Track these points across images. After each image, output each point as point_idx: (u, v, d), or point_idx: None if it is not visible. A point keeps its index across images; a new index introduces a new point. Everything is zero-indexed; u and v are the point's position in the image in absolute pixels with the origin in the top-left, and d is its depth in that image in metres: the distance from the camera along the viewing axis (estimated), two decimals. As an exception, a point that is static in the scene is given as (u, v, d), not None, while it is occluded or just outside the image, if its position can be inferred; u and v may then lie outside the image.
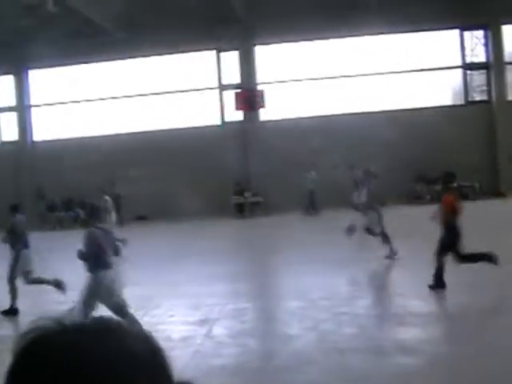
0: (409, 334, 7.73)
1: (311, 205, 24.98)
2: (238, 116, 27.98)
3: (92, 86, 29.26)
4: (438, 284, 9.61)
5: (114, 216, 17.87)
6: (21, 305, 11.07)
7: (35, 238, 18.85)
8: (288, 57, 27.87)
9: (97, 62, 28.90)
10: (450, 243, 9.55)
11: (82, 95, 29.43)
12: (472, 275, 10.09)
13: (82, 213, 27.90)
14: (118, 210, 26.53)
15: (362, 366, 6.65)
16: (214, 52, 28.24)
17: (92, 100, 29.45)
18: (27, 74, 29.90)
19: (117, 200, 26.47)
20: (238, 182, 27.03)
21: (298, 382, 6.26)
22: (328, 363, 6.83)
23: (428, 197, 25.49)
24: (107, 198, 17.57)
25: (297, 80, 27.88)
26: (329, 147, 26.34)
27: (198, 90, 28.54)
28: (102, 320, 0.95)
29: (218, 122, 28.35)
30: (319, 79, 27.75)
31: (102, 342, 0.90)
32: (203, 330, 8.41)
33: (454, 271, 9.77)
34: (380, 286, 10.49)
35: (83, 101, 29.52)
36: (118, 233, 15.78)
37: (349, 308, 9.29)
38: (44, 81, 29.88)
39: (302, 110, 27.57)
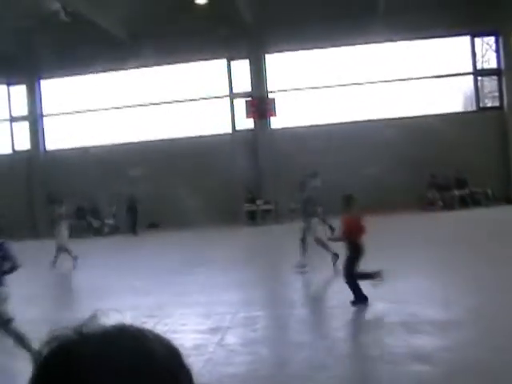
0: (423, 341, 7.66)
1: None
2: (249, 124, 28.00)
3: (103, 95, 29.38)
4: (360, 299, 9.75)
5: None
6: (33, 312, 11.09)
7: (45, 246, 18.94)
8: (298, 65, 27.88)
9: (108, 71, 29.03)
10: (354, 258, 9.82)
11: (94, 104, 29.56)
12: (484, 280, 10.02)
13: (93, 221, 28.06)
14: (134, 218, 26.68)
15: (375, 374, 6.59)
16: (225, 61, 28.29)
17: (104, 109, 29.57)
18: (39, 83, 30.09)
19: (134, 208, 26.61)
20: (250, 189, 27.02)
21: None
22: (340, 371, 6.78)
23: (440, 203, 25.40)
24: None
25: (308, 88, 27.87)
26: (340, 154, 26.26)
27: (209, 98, 28.60)
28: (121, 327, 0.94)
29: (229, 131, 28.37)
30: (330, 87, 27.74)
31: (123, 349, 0.88)
32: (215, 339, 8.39)
33: (470, 276, 9.70)
34: (391, 293, 10.42)
35: (95, 110, 29.65)
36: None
37: (360, 315, 9.23)
38: (56, 90, 30.04)
39: (313, 117, 27.53)
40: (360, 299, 9.74)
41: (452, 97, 27.81)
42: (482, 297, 9.65)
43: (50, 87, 30.14)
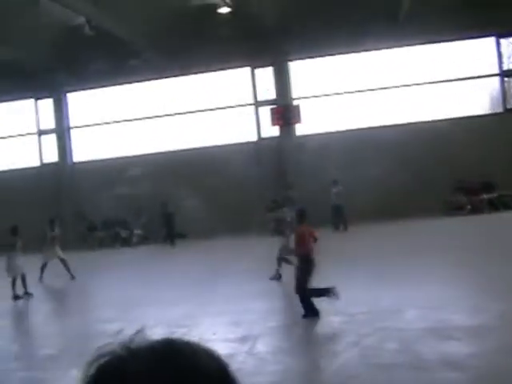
0: (452, 347, 7.62)
1: (339, 220, 24.66)
2: (274, 132, 28.04)
3: (129, 106, 29.64)
4: (311, 313, 9.97)
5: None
6: (67, 324, 11.24)
7: (73, 258, 19.16)
8: (322, 71, 27.85)
9: (133, 82, 29.28)
10: (306, 271, 10.06)
11: (120, 116, 29.83)
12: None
13: (122, 231, 28.27)
14: (170, 228, 26.72)
15: (406, 381, 6.56)
16: (249, 69, 28.38)
17: (129, 120, 29.80)
18: (65, 96, 30.48)
19: (169, 219, 26.65)
20: (275, 198, 26.98)
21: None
22: (371, 379, 6.77)
23: (468, 207, 25.15)
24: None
25: (332, 94, 27.83)
26: (365, 160, 26.18)
27: (234, 107, 28.70)
28: (169, 341, 0.92)
29: (255, 139, 28.42)
30: (354, 92, 27.66)
31: (172, 365, 0.86)
32: (245, 348, 8.41)
33: (500, 281, 9.60)
34: (420, 299, 10.36)
35: (121, 121, 29.90)
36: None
37: (390, 322, 9.20)
38: (81, 103, 30.39)
39: (338, 123, 27.48)
40: (311, 312, 9.97)
41: (478, 99, 27.56)
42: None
43: (76, 100, 30.50)
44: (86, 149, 30.31)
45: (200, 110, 29.00)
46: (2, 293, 15.61)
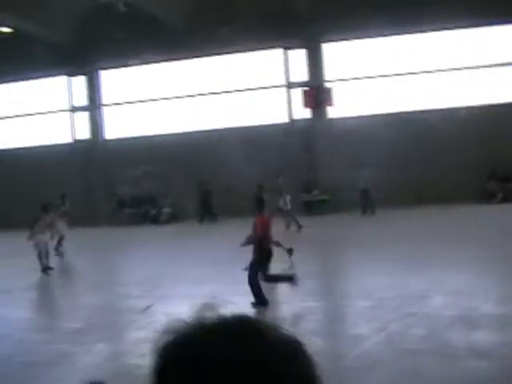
0: (482, 336, 7.52)
1: (367, 204, 24.47)
2: (306, 114, 27.86)
3: (160, 85, 29.64)
4: (260, 302, 10.00)
5: None
6: (95, 299, 11.36)
7: (105, 234, 19.30)
8: (356, 53, 27.52)
9: (164, 61, 29.25)
10: (261, 259, 10.13)
11: (152, 94, 29.86)
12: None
13: (151, 209, 28.46)
14: (209, 207, 26.90)
15: (433, 369, 6.49)
16: (282, 50, 28.17)
17: (161, 99, 29.83)
18: (98, 73, 30.60)
19: (206, 197, 26.81)
20: (307, 179, 26.93)
21: (367, 383, 6.17)
22: (398, 365, 6.72)
23: (500, 195, 24.79)
24: None
25: (365, 77, 27.51)
26: (399, 144, 25.91)
27: (266, 88, 28.53)
28: (241, 318, 0.91)
29: (286, 120, 28.28)
30: (388, 76, 27.30)
31: (247, 343, 0.85)
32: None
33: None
34: (450, 286, 10.25)
35: (153, 100, 29.94)
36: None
37: (418, 308, 9.12)
38: (114, 80, 30.48)
39: (371, 107, 27.18)
40: (260, 302, 9.99)
41: (509, 85, 26.95)
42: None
43: (108, 77, 30.61)
44: (118, 126, 30.47)
45: (232, 91, 28.90)
46: (32, 266, 15.84)
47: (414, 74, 27.06)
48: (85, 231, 23.90)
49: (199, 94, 29.30)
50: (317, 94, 27.30)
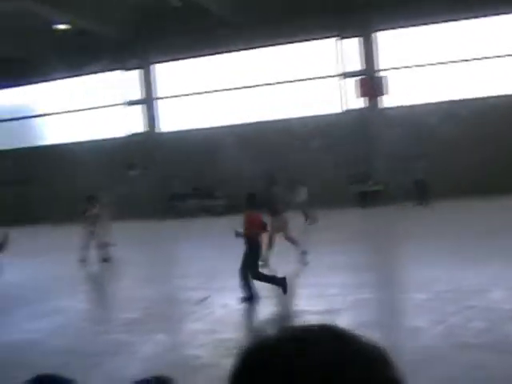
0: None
1: (422, 195, 23.94)
2: (360, 103, 27.59)
3: (215, 76, 29.76)
4: (250, 297, 10.00)
5: None
6: (152, 290, 11.51)
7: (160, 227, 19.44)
8: (411, 42, 27.03)
9: (219, 53, 29.37)
10: (252, 257, 10.14)
11: (207, 86, 29.98)
12: None
13: (207, 201, 28.63)
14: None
15: (492, 364, 6.36)
16: (335, 39, 27.95)
17: (216, 91, 29.93)
18: (153, 67, 30.92)
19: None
20: (361, 170, 26.70)
21: (424, 377, 6.09)
22: (456, 359, 6.61)
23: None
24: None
25: (420, 65, 27.01)
26: (457, 133, 25.34)
27: (320, 77, 28.34)
28: (326, 327, 0.91)
29: (340, 110, 28.05)
30: (443, 63, 26.71)
31: (327, 348, 0.85)
32: (326, 321, 8.37)
33: None
34: (508, 281, 10.02)
35: (208, 92, 30.07)
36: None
37: (477, 301, 8.94)
38: (169, 73, 30.75)
39: (426, 95, 26.68)
40: (250, 297, 9.97)
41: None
42: None
43: (163, 71, 30.90)
44: (173, 119, 30.75)
45: (285, 82, 28.77)
46: (90, 258, 16.17)
47: (470, 60, 26.40)
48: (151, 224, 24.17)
49: (255, 86, 29.20)
50: (371, 83, 27.01)
